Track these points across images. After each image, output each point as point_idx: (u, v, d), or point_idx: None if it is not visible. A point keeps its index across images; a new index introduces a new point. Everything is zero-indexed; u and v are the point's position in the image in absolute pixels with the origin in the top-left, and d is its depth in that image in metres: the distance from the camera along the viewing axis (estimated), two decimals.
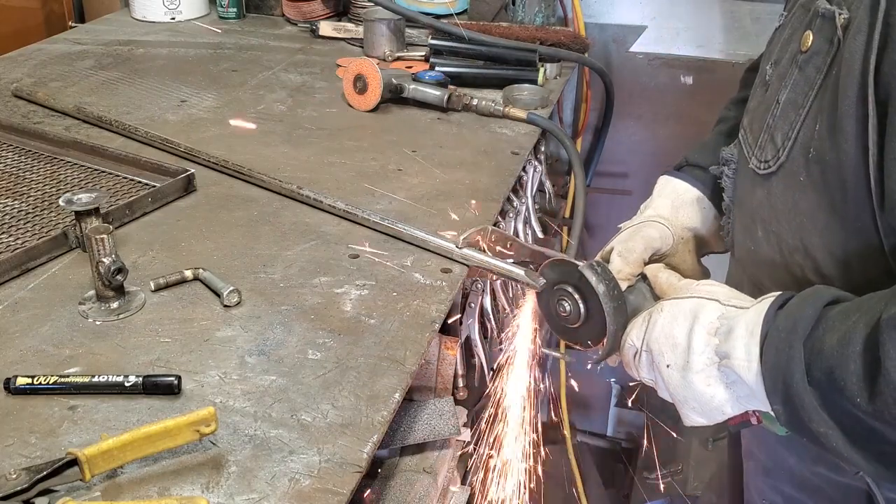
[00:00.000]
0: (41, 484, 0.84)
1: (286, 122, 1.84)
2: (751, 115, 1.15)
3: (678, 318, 0.99)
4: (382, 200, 1.50)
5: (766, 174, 1.05)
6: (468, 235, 1.30)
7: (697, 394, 0.97)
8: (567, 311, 1.13)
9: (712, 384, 0.96)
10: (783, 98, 1.03)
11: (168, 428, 0.90)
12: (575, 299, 1.11)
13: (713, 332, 0.96)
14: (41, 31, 2.71)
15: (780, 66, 1.07)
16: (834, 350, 0.84)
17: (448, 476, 1.34)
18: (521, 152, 1.73)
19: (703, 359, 0.96)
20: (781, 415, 0.90)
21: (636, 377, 1.08)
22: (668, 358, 0.99)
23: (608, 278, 1.09)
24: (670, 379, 0.99)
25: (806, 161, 0.97)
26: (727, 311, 0.97)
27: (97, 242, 1.13)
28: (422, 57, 2.16)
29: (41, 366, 1.05)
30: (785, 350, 0.88)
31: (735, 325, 0.94)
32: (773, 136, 1.04)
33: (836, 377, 0.83)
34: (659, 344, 1.00)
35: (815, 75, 0.97)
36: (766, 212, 1.06)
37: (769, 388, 0.90)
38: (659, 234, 1.22)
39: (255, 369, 1.06)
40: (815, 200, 0.97)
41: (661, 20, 2.51)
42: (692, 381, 0.97)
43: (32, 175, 1.54)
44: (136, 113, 1.85)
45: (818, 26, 0.97)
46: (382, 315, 1.17)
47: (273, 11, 2.63)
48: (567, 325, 1.14)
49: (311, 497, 0.87)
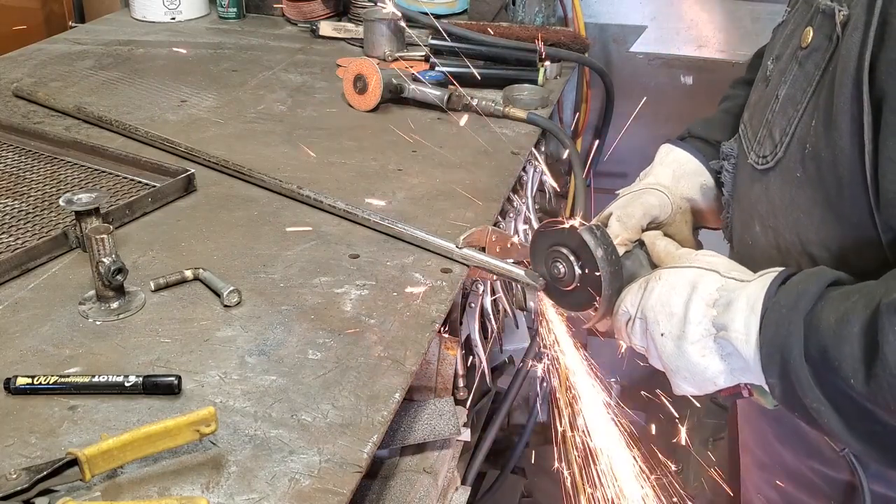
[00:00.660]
0: (41, 484, 0.84)
1: (286, 122, 1.84)
2: (751, 110, 1.15)
3: (676, 287, 0.99)
4: (382, 200, 1.50)
5: (765, 169, 1.05)
6: (468, 235, 1.30)
7: (691, 364, 0.97)
8: (561, 273, 1.11)
9: (707, 355, 0.96)
10: (782, 94, 1.03)
11: (168, 428, 0.90)
12: (570, 261, 1.10)
13: (711, 304, 0.96)
14: (41, 31, 2.71)
15: (781, 61, 1.07)
16: (831, 329, 0.84)
17: (448, 476, 1.34)
18: (521, 152, 1.73)
19: (699, 329, 0.96)
20: (776, 389, 0.90)
21: (627, 343, 1.08)
22: (664, 326, 0.99)
23: (606, 242, 1.08)
24: (664, 348, 0.99)
25: (802, 157, 0.97)
26: (727, 283, 0.96)
27: (97, 242, 1.13)
28: (422, 57, 2.16)
29: (41, 366, 1.05)
30: (784, 325, 0.88)
31: (735, 297, 0.93)
32: (772, 132, 1.04)
33: (830, 356, 0.83)
34: (654, 312, 1.00)
35: (813, 71, 0.97)
36: (764, 207, 1.06)
37: (765, 363, 0.90)
38: (658, 201, 1.22)
39: (255, 369, 1.06)
40: (812, 196, 0.97)
41: (661, 20, 2.51)
42: (686, 350, 0.97)
43: (32, 175, 1.54)
44: (136, 113, 1.85)
45: (819, 23, 0.97)
46: (382, 315, 1.17)
47: (273, 11, 2.63)
48: (560, 288, 1.13)
49: (311, 497, 0.87)
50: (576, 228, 1.09)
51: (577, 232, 1.08)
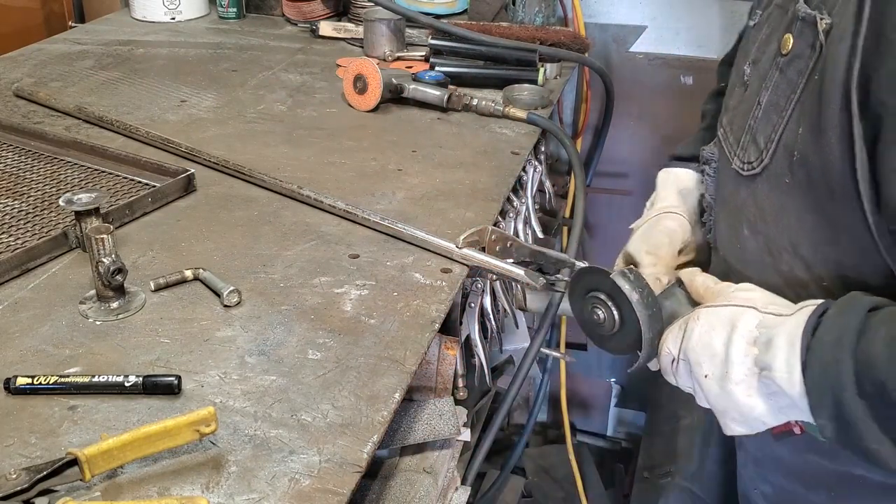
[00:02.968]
0: (41, 484, 0.84)
1: (286, 122, 1.84)
2: (731, 114, 1.14)
3: (716, 327, 0.97)
4: (382, 200, 1.50)
5: (751, 175, 1.04)
6: (468, 235, 1.30)
7: (738, 405, 0.95)
8: (601, 319, 1.10)
9: (752, 395, 0.94)
10: (764, 100, 1.02)
11: (168, 428, 0.90)
12: (608, 307, 1.09)
13: (752, 342, 0.93)
14: (41, 31, 2.71)
15: (760, 66, 1.06)
16: (884, 358, 0.81)
17: (448, 476, 1.34)
18: (521, 152, 1.73)
19: (742, 370, 0.93)
20: (827, 429, 0.87)
21: (675, 384, 1.06)
22: (706, 368, 0.97)
23: (641, 285, 1.06)
24: (709, 389, 0.97)
25: (790, 163, 0.97)
26: (765, 319, 0.94)
27: (97, 242, 1.13)
28: (422, 57, 2.16)
29: (41, 366, 1.05)
30: (832, 365, 0.84)
31: (774, 335, 0.91)
32: (756, 138, 1.03)
33: (888, 388, 0.80)
34: (696, 353, 0.98)
35: (797, 79, 0.96)
36: (752, 212, 1.05)
37: (815, 403, 0.87)
38: (677, 224, 1.21)
39: (255, 369, 1.06)
40: (802, 202, 0.97)
41: (661, 20, 2.51)
42: (731, 391, 0.94)
43: (32, 175, 1.54)
44: (136, 113, 1.85)
45: (799, 30, 0.96)
46: (382, 315, 1.17)
47: (273, 11, 2.62)
48: (602, 333, 1.12)
49: (311, 497, 0.87)
50: (608, 273, 1.07)
51: (610, 277, 1.07)
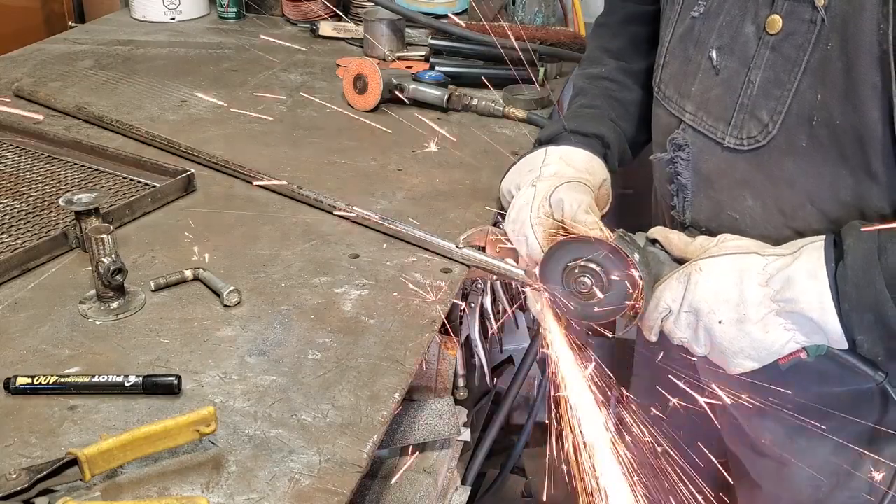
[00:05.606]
0: (41, 484, 0.84)
1: (286, 122, 1.84)
2: (698, 100, 1.18)
3: (726, 274, 1.03)
4: (382, 200, 1.50)
5: (754, 148, 1.11)
6: (468, 235, 1.30)
7: (756, 342, 1.02)
8: (588, 287, 1.10)
9: (770, 331, 1.01)
10: (758, 78, 1.10)
11: (168, 428, 0.90)
12: (597, 273, 1.09)
13: (764, 283, 1.01)
14: (41, 31, 2.71)
15: (735, 50, 1.12)
16: None
17: (448, 476, 1.34)
18: (521, 152, 1.73)
19: (761, 309, 1.01)
20: (865, 343, 0.98)
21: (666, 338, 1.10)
22: (721, 314, 1.02)
23: (637, 246, 1.09)
24: (724, 334, 1.03)
25: (809, 128, 1.05)
26: (769, 261, 1.02)
27: (97, 242, 1.13)
28: (422, 57, 2.16)
29: (41, 366, 1.05)
30: (867, 286, 0.95)
31: (793, 273, 0.99)
32: (756, 114, 1.10)
33: None
34: (708, 303, 1.03)
35: (797, 54, 1.05)
36: (760, 180, 1.13)
37: (854, 324, 0.96)
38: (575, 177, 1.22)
39: (255, 369, 1.06)
40: (822, 158, 1.06)
41: None
42: (750, 331, 1.01)
43: (32, 175, 1.54)
44: (136, 113, 1.85)
45: (787, 10, 1.06)
46: (382, 315, 1.17)
47: (273, 11, 2.63)
48: (585, 302, 1.11)
49: (311, 497, 0.87)
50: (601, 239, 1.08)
51: (605, 242, 1.07)
